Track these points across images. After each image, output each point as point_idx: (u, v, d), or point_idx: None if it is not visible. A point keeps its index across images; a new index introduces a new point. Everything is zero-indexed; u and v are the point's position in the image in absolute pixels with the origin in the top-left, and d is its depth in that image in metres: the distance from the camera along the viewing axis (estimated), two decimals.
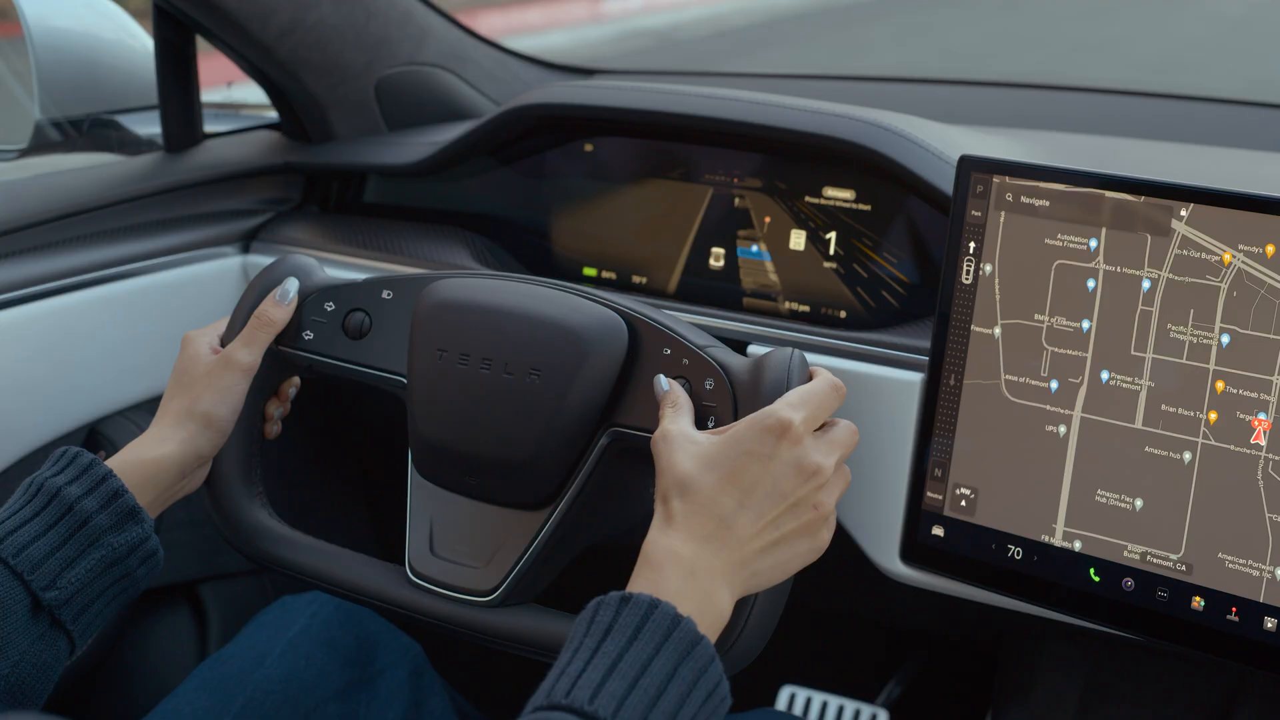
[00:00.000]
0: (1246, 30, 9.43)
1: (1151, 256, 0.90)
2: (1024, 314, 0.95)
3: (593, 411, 0.93)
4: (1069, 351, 0.94)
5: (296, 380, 1.11)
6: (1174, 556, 0.91)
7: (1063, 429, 0.94)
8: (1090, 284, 0.92)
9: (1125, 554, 0.93)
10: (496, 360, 0.94)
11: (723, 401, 0.90)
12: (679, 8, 10.84)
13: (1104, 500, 0.93)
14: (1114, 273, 0.91)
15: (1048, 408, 0.95)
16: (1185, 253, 0.89)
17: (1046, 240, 0.94)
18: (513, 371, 0.94)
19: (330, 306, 1.04)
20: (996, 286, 0.96)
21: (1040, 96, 1.59)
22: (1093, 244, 0.92)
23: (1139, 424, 0.91)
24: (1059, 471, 0.94)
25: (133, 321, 1.31)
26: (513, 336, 0.95)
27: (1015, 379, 0.96)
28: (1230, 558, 0.89)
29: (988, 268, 0.96)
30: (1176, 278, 0.89)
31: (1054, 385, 0.94)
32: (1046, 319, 0.94)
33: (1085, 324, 0.93)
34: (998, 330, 0.96)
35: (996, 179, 0.96)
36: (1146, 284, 0.90)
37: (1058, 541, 0.95)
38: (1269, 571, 0.88)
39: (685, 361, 0.92)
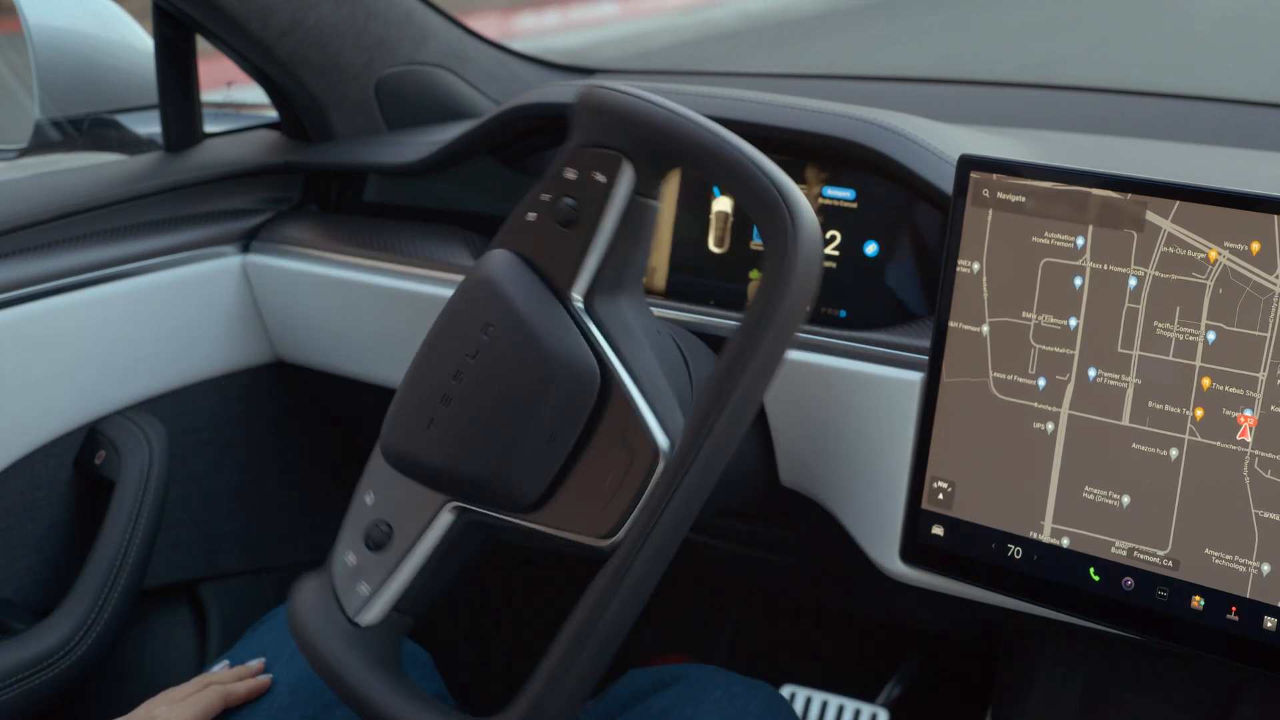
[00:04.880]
0: (1250, 27, 9.36)
1: (1138, 254, 0.90)
2: (1012, 312, 0.95)
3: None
4: (1056, 349, 0.94)
5: None
6: (1161, 552, 0.91)
7: (1050, 426, 0.94)
8: (1077, 281, 0.93)
9: (1113, 550, 0.93)
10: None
11: None
12: (598, 24, 9.93)
13: (1091, 497, 0.93)
14: (1101, 270, 0.92)
15: (1035, 405, 0.95)
16: (1171, 250, 0.89)
17: (1034, 238, 0.94)
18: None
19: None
20: (984, 285, 0.96)
21: (1040, 96, 1.59)
22: (1079, 242, 0.92)
23: (1126, 421, 0.92)
24: (1047, 468, 0.95)
25: (133, 321, 1.31)
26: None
27: (1003, 376, 0.96)
28: (1216, 553, 0.89)
29: (975, 266, 0.97)
30: (1163, 275, 0.90)
31: (1042, 383, 0.95)
32: (1034, 317, 0.95)
33: (1073, 321, 0.93)
34: (985, 328, 0.96)
35: (988, 177, 0.96)
36: (1133, 281, 0.91)
37: (1046, 538, 0.95)
38: (1255, 567, 0.88)
39: None
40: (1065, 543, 0.95)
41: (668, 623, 1.85)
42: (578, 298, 0.93)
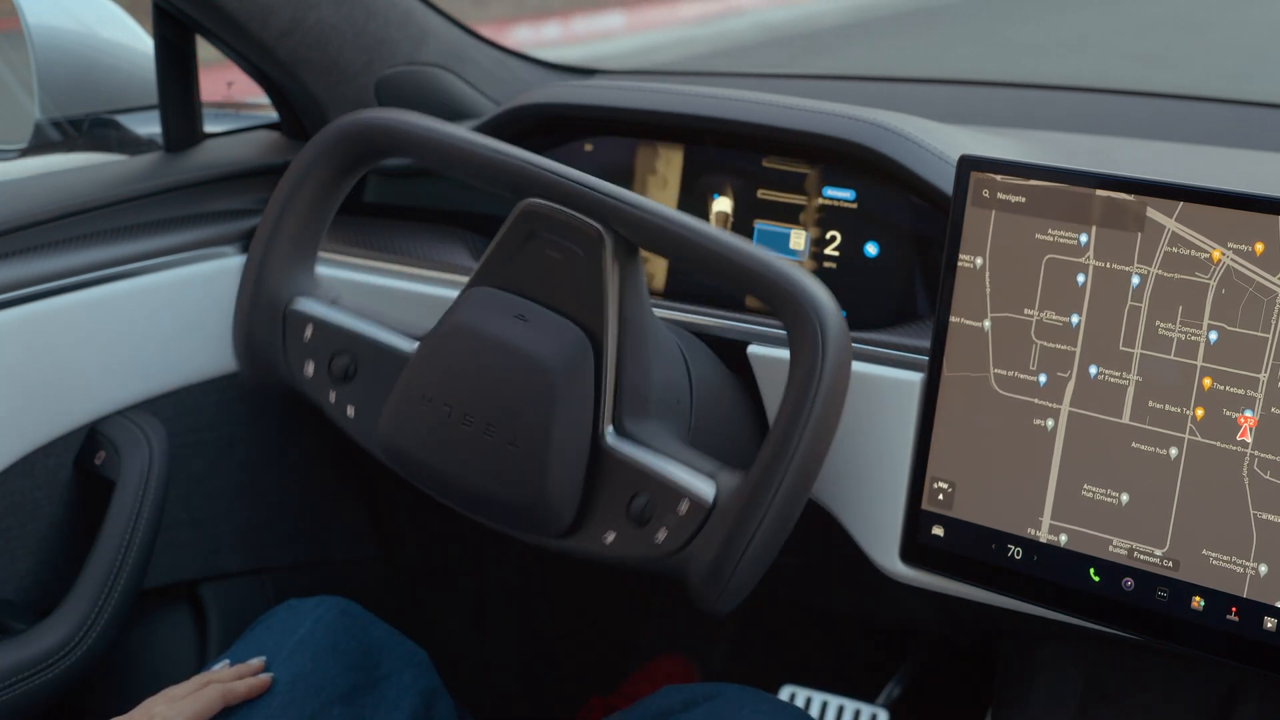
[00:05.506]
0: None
1: (1141, 252, 0.90)
2: (1014, 307, 0.95)
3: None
4: (1058, 346, 0.94)
5: None
6: (1159, 551, 0.91)
7: (1050, 423, 0.94)
8: (1080, 279, 0.93)
9: (1111, 548, 0.93)
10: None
11: None
12: (602, 37, 9.14)
13: (1090, 495, 0.93)
14: (1104, 268, 0.92)
15: (1036, 401, 0.95)
16: (1175, 250, 0.89)
17: (1037, 235, 0.94)
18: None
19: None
20: (987, 279, 0.96)
21: (1040, 96, 1.59)
22: (1083, 239, 0.92)
23: (1126, 419, 0.92)
24: (1046, 465, 0.95)
25: (133, 321, 1.31)
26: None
27: (1004, 372, 0.96)
28: (1215, 554, 0.89)
29: (978, 260, 0.97)
30: (1166, 274, 0.90)
31: (1042, 379, 0.95)
32: (1036, 313, 0.95)
33: (1075, 319, 0.93)
34: (987, 323, 0.96)
35: (990, 178, 0.96)
36: (1136, 280, 0.91)
37: (1044, 535, 0.95)
38: (1253, 568, 0.88)
39: None
40: (1063, 540, 0.95)
41: (668, 623, 1.85)
42: (407, 350, 1.02)
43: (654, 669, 1.79)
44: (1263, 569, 0.88)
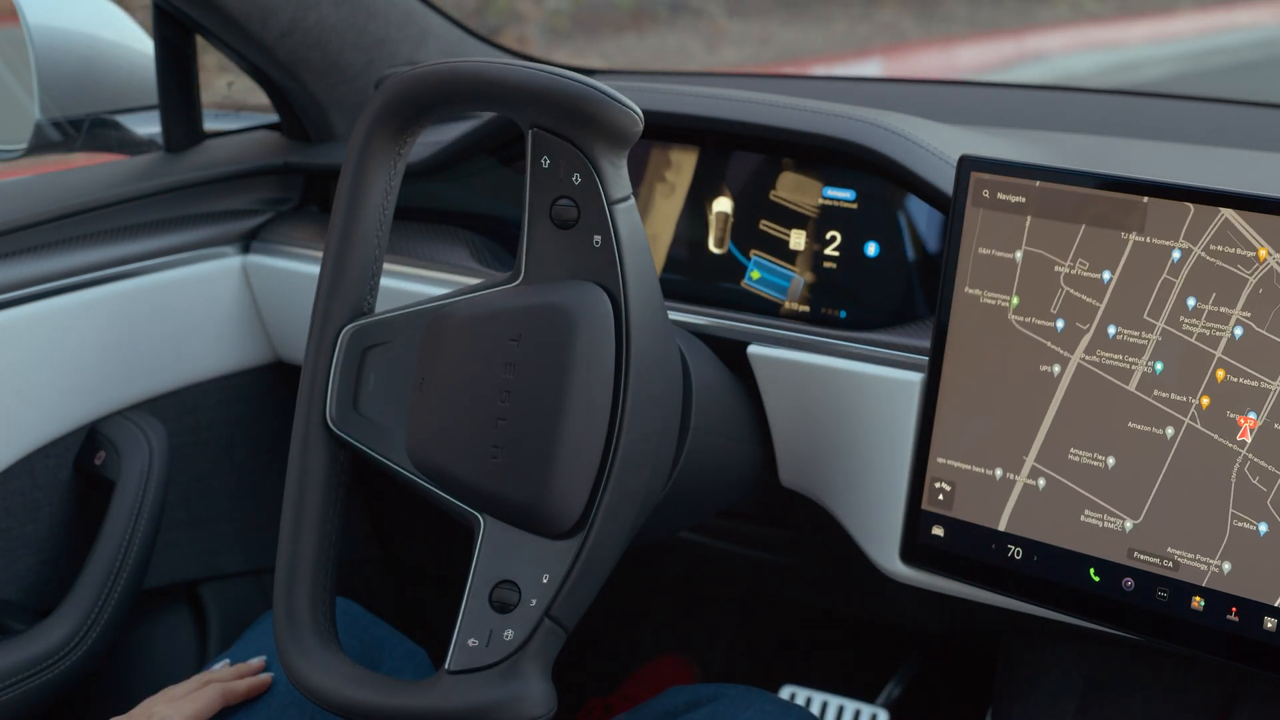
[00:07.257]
0: None
1: (1189, 230, 0.89)
2: (1049, 247, 0.94)
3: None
4: (1084, 297, 0.93)
5: None
6: (1130, 523, 0.91)
7: (1057, 369, 0.94)
8: (1123, 235, 0.92)
9: (1084, 515, 0.93)
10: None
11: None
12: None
13: (1076, 459, 0.93)
14: (1144, 241, 0.91)
15: (1048, 344, 0.94)
16: (1220, 246, 0.88)
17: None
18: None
19: None
20: (1028, 218, 0.95)
21: (1040, 96, 1.59)
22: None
23: (1132, 387, 0.91)
24: (1042, 412, 0.94)
25: (133, 321, 1.31)
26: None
27: (1023, 317, 0.95)
28: (1181, 550, 0.90)
29: (1023, 199, 0.96)
30: (1208, 257, 0.88)
31: (1060, 325, 0.94)
32: (1070, 260, 0.94)
33: (1106, 275, 0.92)
34: (1019, 255, 0.95)
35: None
36: (1177, 254, 0.90)
37: (1023, 477, 0.95)
38: (1216, 565, 0.88)
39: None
40: (1041, 484, 0.94)
41: (668, 623, 1.85)
42: None
43: (654, 669, 1.79)
44: (1226, 566, 0.88)
